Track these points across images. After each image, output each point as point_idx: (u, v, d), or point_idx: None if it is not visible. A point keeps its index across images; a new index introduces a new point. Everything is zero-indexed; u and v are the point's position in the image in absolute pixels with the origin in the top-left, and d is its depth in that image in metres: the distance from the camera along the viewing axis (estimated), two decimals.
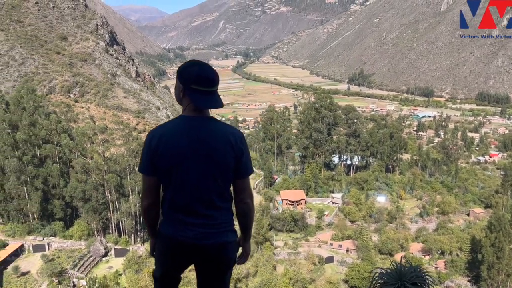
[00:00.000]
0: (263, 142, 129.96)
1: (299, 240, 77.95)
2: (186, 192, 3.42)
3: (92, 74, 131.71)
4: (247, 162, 3.56)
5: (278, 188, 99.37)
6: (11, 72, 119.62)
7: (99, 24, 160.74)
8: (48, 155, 71.56)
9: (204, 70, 3.40)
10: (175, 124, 3.49)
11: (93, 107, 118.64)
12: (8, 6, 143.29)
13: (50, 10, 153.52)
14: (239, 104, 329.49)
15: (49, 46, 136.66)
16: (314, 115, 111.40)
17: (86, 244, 65.49)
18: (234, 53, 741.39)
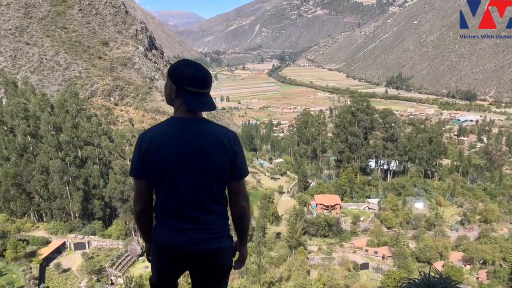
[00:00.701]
0: (298, 146, 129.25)
1: (333, 246, 76.82)
2: (178, 196, 3.29)
3: (132, 78, 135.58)
4: (242, 164, 3.43)
5: (313, 192, 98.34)
6: (56, 77, 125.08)
7: (138, 30, 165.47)
8: (89, 156, 74.14)
9: (199, 71, 3.28)
10: (167, 125, 3.35)
11: (132, 110, 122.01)
12: (54, 13, 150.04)
13: (93, 17, 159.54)
14: (274, 108, 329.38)
15: (92, 51, 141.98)
16: (350, 118, 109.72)
17: (123, 244, 67.23)
18: (270, 57, 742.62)
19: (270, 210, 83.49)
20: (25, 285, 52.78)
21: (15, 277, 54.19)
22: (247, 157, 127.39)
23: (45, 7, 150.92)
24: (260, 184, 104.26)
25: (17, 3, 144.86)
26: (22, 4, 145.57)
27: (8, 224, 64.98)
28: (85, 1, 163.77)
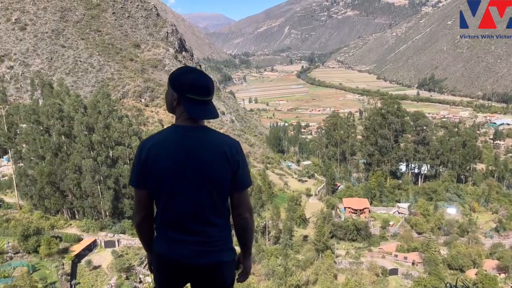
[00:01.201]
0: (326, 148, 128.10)
1: (361, 250, 75.58)
2: (178, 207, 3.20)
3: (162, 80, 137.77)
4: (245, 174, 3.30)
5: (341, 196, 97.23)
6: (90, 78, 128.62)
7: (169, 32, 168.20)
8: (119, 156, 75.73)
9: (201, 78, 3.19)
10: (167, 134, 3.26)
11: (162, 111, 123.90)
12: (89, 16, 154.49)
13: (126, 20, 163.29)
14: (302, 110, 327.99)
15: (124, 53, 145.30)
16: (380, 121, 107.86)
17: None
18: (299, 58, 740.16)
19: (297, 213, 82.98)
20: (57, 280, 54.31)
21: (48, 272, 55.84)
22: (274, 158, 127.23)
23: (80, 11, 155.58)
24: (288, 186, 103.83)
25: (54, 7, 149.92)
26: (59, 8, 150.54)
27: (42, 221, 67.10)
28: (118, 4, 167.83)
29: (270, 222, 77.76)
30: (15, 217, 67.60)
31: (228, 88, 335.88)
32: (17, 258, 58.69)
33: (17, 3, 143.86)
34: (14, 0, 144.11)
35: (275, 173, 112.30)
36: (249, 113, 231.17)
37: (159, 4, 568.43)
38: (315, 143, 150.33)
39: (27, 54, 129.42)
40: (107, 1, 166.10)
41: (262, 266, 63.63)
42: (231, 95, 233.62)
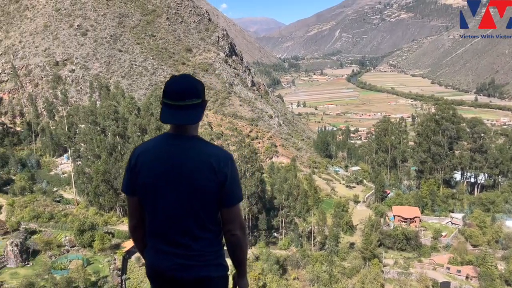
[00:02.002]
0: (376, 154, 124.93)
1: (411, 260, 72.91)
2: (162, 218, 3.14)
3: (212, 83, 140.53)
4: (233, 188, 3.15)
5: (390, 203, 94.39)
6: (144, 81, 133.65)
7: (220, 37, 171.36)
8: None
9: (175, 82, 3.11)
10: (156, 142, 3.22)
11: (211, 114, 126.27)
12: (144, 22, 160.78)
13: (179, 25, 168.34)
14: (351, 114, 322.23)
15: (176, 57, 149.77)
16: (434, 127, 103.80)
17: None
18: (350, 62, 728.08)
19: (344, 219, 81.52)
20: (109, 275, 56.74)
21: (101, 267, 58.51)
22: (322, 163, 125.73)
23: (137, 17, 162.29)
24: (335, 192, 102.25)
25: (113, 13, 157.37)
26: (117, 14, 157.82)
27: (97, 217, 70.43)
28: (172, 10, 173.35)
29: (316, 227, 76.93)
30: (72, 212, 71.46)
31: (277, 92, 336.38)
32: (73, 251, 62.02)
33: (79, 10, 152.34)
34: (76, 7, 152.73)
35: (322, 178, 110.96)
36: (297, 117, 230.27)
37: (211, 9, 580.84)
38: (365, 149, 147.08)
39: (87, 58, 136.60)
40: (162, 7, 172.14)
41: (307, 271, 63.04)
42: (279, 98, 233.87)
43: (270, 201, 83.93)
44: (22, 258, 59.30)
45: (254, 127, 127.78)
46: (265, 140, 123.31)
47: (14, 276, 56.11)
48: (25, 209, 70.76)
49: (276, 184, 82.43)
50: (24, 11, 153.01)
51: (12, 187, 77.64)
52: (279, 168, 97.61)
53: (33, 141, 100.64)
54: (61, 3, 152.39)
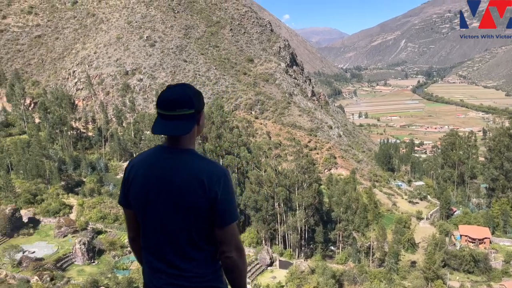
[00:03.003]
0: (442, 169, 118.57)
1: (479, 284, 67.99)
2: (153, 233, 3.01)
3: (272, 93, 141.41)
4: (226, 207, 2.95)
5: (457, 222, 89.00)
6: (206, 91, 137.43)
7: (281, 47, 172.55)
8: (229, 165, 79.30)
9: (168, 91, 2.96)
10: (148, 154, 3.11)
11: (270, 124, 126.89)
12: (209, 33, 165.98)
13: (242, 36, 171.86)
14: (416, 126, 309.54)
15: (238, 67, 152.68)
16: (507, 142, 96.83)
17: (254, 251, 69.77)
18: (415, 73, 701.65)
19: (406, 236, 77.93)
20: None
21: None
22: (383, 177, 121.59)
23: (202, 28, 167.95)
24: (396, 207, 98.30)
25: (179, 25, 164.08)
26: (183, 26, 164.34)
27: None
28: (235, 21, 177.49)
29: (375, 243, 74.20)
30: None
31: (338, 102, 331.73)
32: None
33: (149, 22, 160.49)
34: (146, 20, 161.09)
35: (383, 192, 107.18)
36: (358, 128, 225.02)
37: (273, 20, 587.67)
38: (430, 163, 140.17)
39: (154, 68, 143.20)
40: (226, 19, 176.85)
41: None
42: (340, 109, 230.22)
43: (328, 214, 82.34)
44: (89, 256, 62.80)
45: (313, 137, 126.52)
46: (324, 151, 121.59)
47: (80, 273, 59.49)
48: (93, 210, 75.16)
49: (334, 196, 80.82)
50: (100, 24, 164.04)
51: (82, 188, 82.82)
52: (338, 180, 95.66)
53: (102, 146, 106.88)
54: (132, 16, 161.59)
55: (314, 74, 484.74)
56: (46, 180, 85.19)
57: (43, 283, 51.62)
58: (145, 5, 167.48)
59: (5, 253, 59.03)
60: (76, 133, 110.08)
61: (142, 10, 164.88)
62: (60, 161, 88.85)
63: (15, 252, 59.07)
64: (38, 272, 54.06)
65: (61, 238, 68.35)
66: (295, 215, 74.28)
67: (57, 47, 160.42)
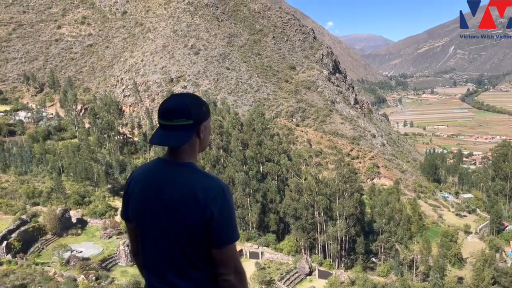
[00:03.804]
0: (492, 182, 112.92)
1: None
2: (150, 250, 2.89)
3: (314, 101, 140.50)
4: (223, 226, 2.75)
5: (508, 237, 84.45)
6: (248, 98, 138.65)
7: (324, 54, 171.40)
8: (268, 172, 79.39)
9: (168, 100, 2.85)
10: (147, 167, 3.00)
11: (311, 131, 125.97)
12: (251, 41, 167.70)
13: (284, 43, 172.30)
14: (465, 136, 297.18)
15: (280, 75, 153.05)
16: None
17: (293, 260, 69.17)
18: (464, 81, 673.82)
19: (452, 250, 74.62)
20: None
21: None
22: (429, 188, 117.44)
23: (245, 36, 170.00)
24: (442, 220, 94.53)
25: (223, 33, 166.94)
26: (227, 34, 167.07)
27: None
28: (278, 29, 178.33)
29: (419, 256, 71.57)
30: None
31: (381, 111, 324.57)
32: None
33: (194, 31, 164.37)
34: (191, 29, 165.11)
35: (428, 203, 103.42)
36: (403, 137, 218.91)
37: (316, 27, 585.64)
38: (479, 175, 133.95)
39: (198, 75, 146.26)
40: (269, 27, 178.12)
41: None
42: (384, 117, 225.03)
43: (369, 224, 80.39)
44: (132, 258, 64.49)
45: (355, 146, 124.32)
46: (367, 160, 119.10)
47: (124, 274, 61.29)
48: None
49: (377, 207, 78.86)
50: (147, 33, 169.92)
51: None
52: (381, 190, 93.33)
53: (147, 151, 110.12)
54: (178, 25, 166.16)
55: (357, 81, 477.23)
56: (94, 182, 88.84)
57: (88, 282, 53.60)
58: (191, 14, 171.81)
59: (54, 252, 61.84)
60: (122, 138, 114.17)
61: (187, 19, 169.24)
62: (107, 165, 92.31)
63: (63, 251, 61.73)
64: (85, 271, 56.19)
65: (106, 239, 70.83)
66: (335, 224, 73.06)
67: (107, 55, 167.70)
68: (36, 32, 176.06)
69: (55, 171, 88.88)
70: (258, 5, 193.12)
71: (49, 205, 74.23)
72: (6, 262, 56.84)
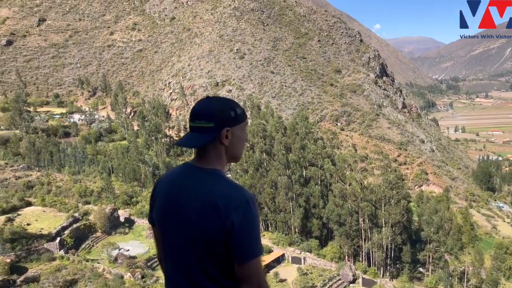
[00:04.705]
0: None
1: None
2: (170, 257, 2.78)
3: (359, 105, 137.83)
4: (245, 241, 2.54)
5: None
6: (292, 101, 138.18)
7: (371, 57, 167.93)
8: (312, 176, 78.49)
9: (198, 102, 2.77)
10: (173, 172, 2.90)
11: (357, 136, 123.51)
12: (296, 45, 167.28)
13: (329, 47, 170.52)
14: None
15: (325, 78, 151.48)
16: None
17: (336, 267, 67.87)
18: None
19: (507, 263, 70.44)
20: None
21: None
22: (482, 196, 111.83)
23: (290, 40, 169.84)
24: (496, 231, 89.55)
25: (268, 37, 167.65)
26: (272, 38, 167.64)
27: None
28: (324, 32, 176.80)
29: (470, 268, 68.08)
30: None
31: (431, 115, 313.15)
32: None
33: (239, 35, 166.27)
34: (237, 33, 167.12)
35: (481, 213, 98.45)
36: (454, 143, 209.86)
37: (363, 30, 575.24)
38: None
39: (243, 79, 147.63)
40: (314, 30, 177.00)
41: None
42: (434, 122, 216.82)
43: (417, 233, 77.51)
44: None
45: (403, 151, 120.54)
46: (415, 166, 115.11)
47: None
48: None
49: (425, 215, 75.93)
50: (194, 38, 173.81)
51: None
52: (429, 197, 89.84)
53: (193, 153, 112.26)
54: (224, 30, 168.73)
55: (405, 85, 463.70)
56: (141, 183, 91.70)
57: (135, 279, 55.23)
58: (236, 19, 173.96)
59: (103, 249, 64.29)
60: (169, 140, 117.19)
61: (233, 24, 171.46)
62: (154, 166, 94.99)
63: (112, 249, 63.98)
64: (131, 269, 57.95)
65: (152, 239, 72.76)
66: (380, 232, 70.99)
67: (155, 60, 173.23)
68: (90, 39, 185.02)
69: (105, 171, 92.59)
70: (304, 8, 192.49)
71: (99, 204, 77.32)
72: (59, 258, 59.67)
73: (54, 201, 77.54)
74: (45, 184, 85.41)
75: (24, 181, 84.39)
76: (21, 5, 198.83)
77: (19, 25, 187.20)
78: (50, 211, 74.43)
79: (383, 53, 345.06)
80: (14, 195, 77.40)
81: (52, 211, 74.44)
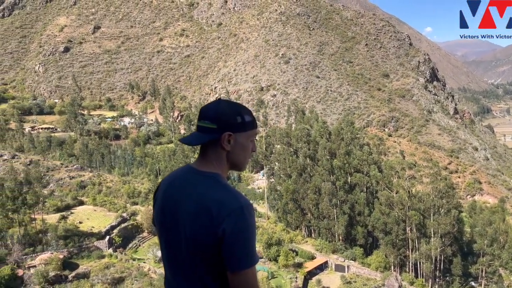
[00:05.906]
0: None
1: None
2: (166, 261, 2.70)
3: (408, 110, 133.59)
4: (238, 248, 2.41)
5: None
6: (337, 106, 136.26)
7: (421, 61, 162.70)
8: (357, 183, 76.78)
9: (208, 103, 2.76)
10: (175, 174, 2.81)
11: (405, 142, 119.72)
12: (343, 49, 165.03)
13: (377, 51, 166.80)
14: None
15: (372, 83, 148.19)
16: None
17: (381, 277, 65.84)
18: None
19: None
20: None
21: (283, 282, 60.93)
22: None
23: (336, 44, 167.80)
24: None
25: (314, 41, 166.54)
26: (318, 43, 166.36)
27: (283, 233, 74.14)
28: (371, 36, 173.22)
29: None
30: (263, 225, 76.96)
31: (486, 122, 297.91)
32: (260, 263, 66.43)
33: (285, 40, 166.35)
34: (282, 38, 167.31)
35: None
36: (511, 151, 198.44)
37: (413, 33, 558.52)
38: None
39: (287, 84, 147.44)
40: (361, 34, 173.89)
41: None
42: (489, 129, 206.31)
43: (469, 245, 73.77)
44: None
45: (454, 159, 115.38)
46: (467, 175, 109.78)
47: None
48: None
49: (478, 226, 72.12)
50: (240, 43, 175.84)
51: None
52: (483, 208, 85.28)
53: None
54: (270, 35, 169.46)
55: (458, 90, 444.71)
56: None
57: None
58: (282, 24, 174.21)
59: (149, 249, 66.06)
60: None
61: (279, 29, 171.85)
62: None
63: (157, 249, 65.57)
64: None
65: None
66: (429, 242, 68.13)
67: (202, 65, 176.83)
68: (141, 45, 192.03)
69: (153, 173, 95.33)
70: (351, 12, 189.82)
71: (146, 205, 79.57)
72: (108, 256, 62.02)
73: (104, 201, 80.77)
74: (96, 184, 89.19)
75: (77, 181, 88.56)
76: (78, 14, 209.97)
77: (75, 32, 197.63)
78: (101, 210, 77.59)
79: (434, 57, 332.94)
80: (68, 194, 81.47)
81: (102, 210, 77.56)
